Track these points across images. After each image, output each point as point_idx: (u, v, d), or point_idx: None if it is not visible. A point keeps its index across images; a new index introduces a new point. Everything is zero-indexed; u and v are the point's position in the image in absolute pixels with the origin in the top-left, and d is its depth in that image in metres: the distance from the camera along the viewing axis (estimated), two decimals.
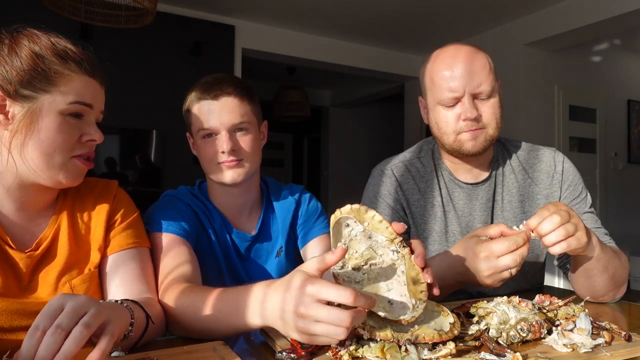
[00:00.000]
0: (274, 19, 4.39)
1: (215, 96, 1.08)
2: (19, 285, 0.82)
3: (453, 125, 1.13)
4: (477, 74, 1.09)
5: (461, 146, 1.14)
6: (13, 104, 0.80)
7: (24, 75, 0.79)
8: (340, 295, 0.63)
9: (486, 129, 1.13)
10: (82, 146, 0.86)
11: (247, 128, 1.11)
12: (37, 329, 0.56)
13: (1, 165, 0.82)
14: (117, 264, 0.92)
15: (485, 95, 1.11)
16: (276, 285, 0.71)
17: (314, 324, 0.64)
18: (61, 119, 0.82)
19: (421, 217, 1.24)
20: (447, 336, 0.68)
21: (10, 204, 0.85)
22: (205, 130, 1.09)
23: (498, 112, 1.14)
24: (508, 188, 1.24)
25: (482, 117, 1.12)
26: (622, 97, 5.32)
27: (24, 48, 0.81)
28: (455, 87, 1.09)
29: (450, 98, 1.11)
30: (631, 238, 5.17)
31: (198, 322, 0.82)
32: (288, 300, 0.66)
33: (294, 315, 0.65)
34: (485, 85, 1.10)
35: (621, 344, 0.73)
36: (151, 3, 2.14)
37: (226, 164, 1.09)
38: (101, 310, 0.61)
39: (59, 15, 2.22)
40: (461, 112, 1.11)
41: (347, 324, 0.62)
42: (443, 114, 1.14)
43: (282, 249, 1.21)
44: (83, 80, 0.84)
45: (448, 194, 1.24)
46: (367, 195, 1.30)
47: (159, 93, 3.87)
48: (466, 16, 4.22)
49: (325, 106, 7.58)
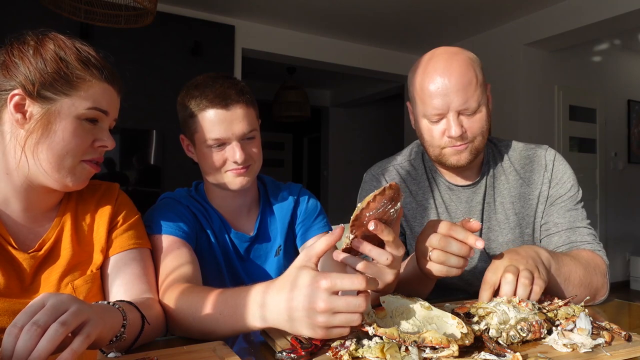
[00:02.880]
0: (273, 19, 4.39)
1: (225, 105, 1.06)
2: (21, 286, 0.83)
3: (437, 139, 1.11)
4: (462, 92, 1.06)
5: (446, 160, 1.13)
6: (32, 104, 0.81)
7: (47, 78, 0.81)
8: (355, 283, 0.66)
9: (472, 143, 1.11)
10: (93, 151, 0.87)
11: (254, 135, 1.12)
12: (15, 325, 0.56)
13: (13, 164, 0.82)
14: (119, 265, 0.92)
15: (471, 111, 1.08)
16: (277, 287, 0.71)
17: (334, 316, 0.66)
18: (77, 123, 0.83)
19: (414, 219, 1.24)
20: (456, 343, 0.67)
21: (16, 204, 0.85)
22: (215, 141, 1.07)
23: (485, 125, 1.11)
24: (500, 190, 1.23)
25: (468, 133, 1.09)
26: (622, 97, 5.32)
27: (49, 51, 0.82)
28: (440, 105, 1.07)
29: (435, 115, 1.09)
30: (631, 238, 5.18)
31: (197, 323, 0.82)
32: (298, 299, 0.67)
33: (310, 312, 0.66)
34: (471, 101, 1.07)
35: (621, 344, 0.73)
36: (151, 3, 2.14)
37: (235, 171, 1.09)
38: (81, 310, 0.60)
39: (59, 15, 2.22)
40: (446, 129, 1.09)
41: (362, 308, 0.66)
42: (428, 128, 1.12)
43: (281, 248, 1.21)
44: (102, 87, 0.86)
45: (440, 196, 1.24)
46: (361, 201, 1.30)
47: (159, 93, 3.88)
48: (466, 16, 4.22)
49: (325, 106, 7.58)
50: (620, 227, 5.09)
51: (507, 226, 1.21)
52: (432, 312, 0.77)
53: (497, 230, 1.22)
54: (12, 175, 0.83)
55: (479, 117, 1.09)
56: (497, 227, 1.21)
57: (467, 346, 0.68)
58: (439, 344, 0.66)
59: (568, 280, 0.99)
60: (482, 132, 1.11)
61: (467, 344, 0.68)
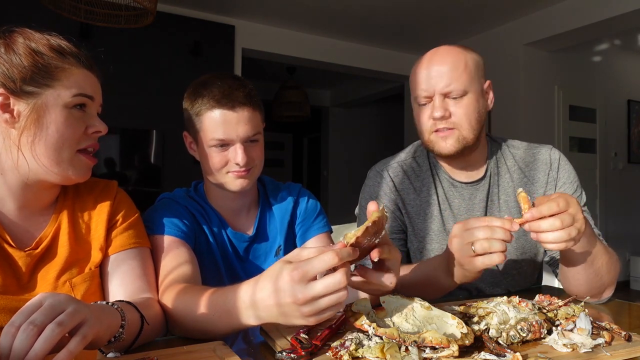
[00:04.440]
0: (273, 19, 4.39)
1: (232, 107, 1.05)
2: (18, 284, 0.82)
3: (425, 124, 1.14)
4: (448, 74, 1.09)
5: (433, 147, 1.15)
6: (17, 102, 0.80)
7: (26, 72, 0.80)
8: (325, 261, 0.65)
9: (458, 130, 1.12)
10: (88, 138, 0.87)
11: (258, 139, 1.12)
12: (12, 325, 0.56)
13: (8, 164, 0.82)
14: (118, 264, 0.92)
15: (457, 94, 1.10)
16: (261, 285, 0.71)
17: (317, 302, 0.66)
18: (67, 112, 0.83)
19: (417, 216, 1.24)
20: (456, 343, 0.67)
21: (11, 203, 0.85)
22: (220, 141, 1.07)
23: (472, 113, 1.12)
24: (504, 187, 1.24)
25: (453, 117, 1.11)
26: (622, 97, 5.32)
27: (20, 45, 0.82)
28: (426, 86, 1.11)
29: (423, 97, 1.13)
30: (631, 238, 5.17)
31: (195, 322, 0.82)
32: (282, 295, 0.67)
33: (296, 307, 0.66)
34: (456, 84, 1.09)
35: (621, 344, 0.73)
36: (151, 3, 2.14)
37: (236, 173, 1.09)
38: (78, 310, 0.60)
39: (59, 15, 2.22)
40: (432, 112, 1.12)
41: (344, 282, 0.65)
42: (417, 112, 1.17)
43: (281, 248, 1.21)
44: (82, 73, 0.86)
45: (444, 193, 1.24)
46: (364, 197, 1.30)
47: (159, 93, 3.88)
48: (466, 16, 4.22)
49: (325, 106, 7.58)
50: (620, 227, 5.09)
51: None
52: (432, 312, 0.77)
53: None
54: (7, 175, 0.83)
55: (465, 102, 1.11)
56: None
57: (467, 346, 0.68)
58: (439, 344, 0.66)
59: (594, 260, 0.98)
60: (468, 120, 1.11)
61: (467, 344, 0.68)
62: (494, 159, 1.25)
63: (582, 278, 1.01)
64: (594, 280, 1.01)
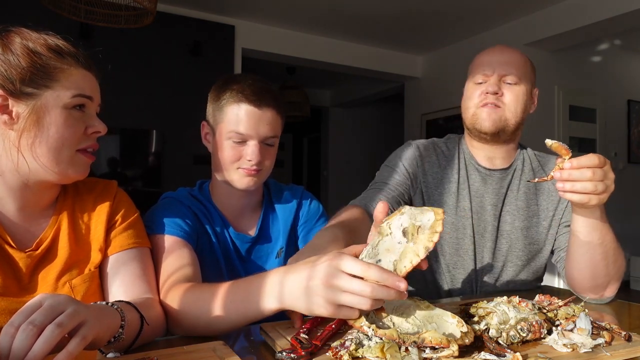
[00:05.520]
0: (273, 19, 4.39)
1: (259, 105, 1.08)
2: (18, 285, 0.82)
3: (475, 98, 1.24)
4: (509, 62, 1.22)
5: (476, 121, 1.23)
6: (16, 103, 0.80)
7: (25, 73, 0.79)
8: (366, 271, 0.66)
9: (504, 110, 1.21)
10: (87, 138, 0.87)
11: (274, 143, 1.14)
12: (12, 325, 0.56)
13: (7, 165, 0.82)
14: (118, 264, 0.92)
15: (512, 80, 1.21)
16: (299, 267, 0.73)
17: (340, 293, 0.67)
18: (66, 113, 0.83)
19: (435, 187, 1.30)
20: (456, 342, 0.67)
21: (11, 204, 0.85)
22: (238, 135, 1.09)
23: (520, 101, 1.22)
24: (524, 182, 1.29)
25: (503, 97, 1.21)
26: (622, 97, 5.32)
27: (17, 45, 0.81)
28: (488, 67, 1.23)
29: (481, 75, 1.23)
30: (631, 238, 5.17)
31: (205, 316, 0.82)
32: (315, 274, 0.69)
33: (322, 287, 0.67)
34: (514, 71, 1.21)
35: (621, 344, 0.73)
36: (151, 3, 2.14)
37: (247, 170, 1.11)
38: (78, 311, 0.60)
39: (59, 15, 2.22)
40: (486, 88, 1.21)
41: (367, 293, 0.65)
42: (471, 90, 1.26)
43: (283, 250, 1.21)
44: (81, 74, 0.86)
45: (466, 174, 1.30)
46: (388, 159, 1.37)
47: (159, 93, 3.87)
48: (466, 16, 4.22)
49: (325, 106, 7.58)
50: (620, 227, 5.05)
51: (526, 213, 1.27)
52: (432, 311, 0.77)
53: (515, 214, 1.27)
54: (6, 176, 0.83)
55: (517, 90, 1.22)
56: (515, 212, 1.27)
57: (467, 346, 0.68)
58: (438, 344, 0.66)
59: (603, 239, 1.00)
60: (514, 104, 1.21)
61: (467, 343, 0.68)
62: (522, 153, 1.33)
63: (588, 259, 1.01)
64: (600, 266, 1.02)
